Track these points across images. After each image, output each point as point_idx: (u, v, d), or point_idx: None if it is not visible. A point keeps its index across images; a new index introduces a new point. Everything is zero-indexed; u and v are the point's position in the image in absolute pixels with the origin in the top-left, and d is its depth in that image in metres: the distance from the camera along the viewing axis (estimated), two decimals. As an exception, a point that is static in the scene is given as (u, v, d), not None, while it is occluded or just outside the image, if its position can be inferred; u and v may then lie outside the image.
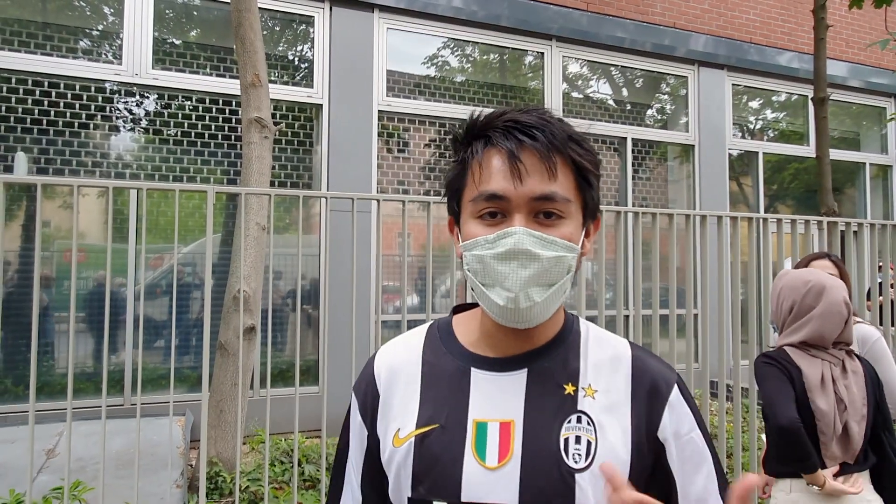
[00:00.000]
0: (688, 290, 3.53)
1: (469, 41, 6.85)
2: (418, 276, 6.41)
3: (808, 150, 8.24)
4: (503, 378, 0.92)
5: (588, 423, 0.88)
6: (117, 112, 5.61)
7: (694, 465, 0.91)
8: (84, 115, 5.40)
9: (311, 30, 6.14)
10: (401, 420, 0.94)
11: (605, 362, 0.94)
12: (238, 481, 3.03)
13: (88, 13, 5.62)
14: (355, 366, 3.05)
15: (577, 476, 0.85)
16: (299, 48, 6.33)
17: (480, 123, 0.90)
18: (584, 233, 0.91)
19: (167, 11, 5.79)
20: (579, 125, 0.91)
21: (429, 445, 0.90)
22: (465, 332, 0.99)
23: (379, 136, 6.30)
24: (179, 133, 5.69)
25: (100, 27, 5.62)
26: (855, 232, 3.87)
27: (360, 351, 4.20)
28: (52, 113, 5.28)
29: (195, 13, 6.01)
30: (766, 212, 8.17)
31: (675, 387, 0.93)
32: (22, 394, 4.97)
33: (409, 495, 0.90)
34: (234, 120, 5.78)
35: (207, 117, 5.75)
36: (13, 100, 5.16)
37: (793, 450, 2.10)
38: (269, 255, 3.82)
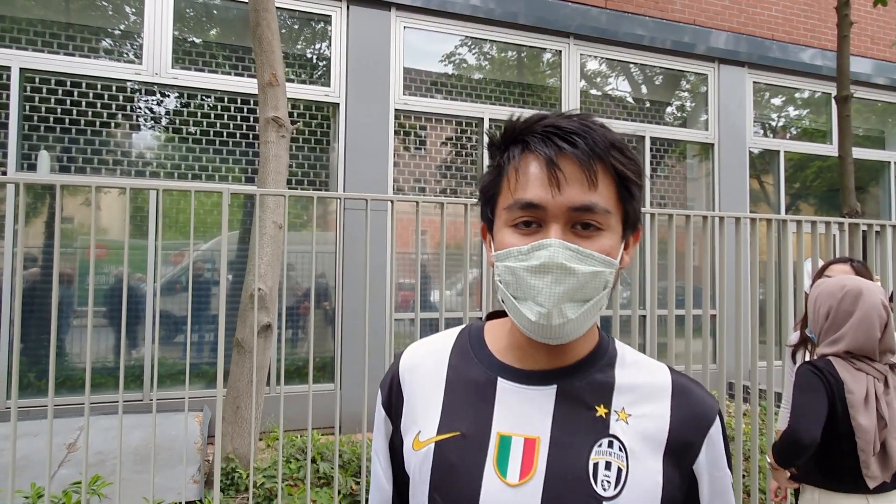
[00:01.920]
0: (705, 290, 3.48)
1: (486, 39, 6.83)
2: (434, 274, 6.41)
3: (830, 149, 8.10)
4: (530, 392, 0.88)
5: (620, 450, 0.84)
6: (137, 111, 5.68)
7: (723, 502, 0.88)
8: (105, 114, 5.48)
9: (329, 28, 6.17)
10: (422, 423, 0.92)
11: (641, 387, 0.89)
12: (253, 477, 3.06)
13: (110, 13, 5.70)
14: (369, 364, 3.06)
15: None
16: (316, 47, 6.36)
17: (519, 127, 0.85)
18: (623, 245, 0.87)
19: (187, 11, 5.85)
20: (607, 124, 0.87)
21: (448, 453, 0.87)
22: (495, 339, 0.95)
23: (396, 134, 6.32)
24: (198, 131, 5.76)
25: (121, 27, 5.69)
26: (878, 233, 3.79)
27: (375, 349, 4.22)
28: (74, 112, 5.37)
29: (214, 12, 6.07)
30: (787, 210, 8.05)
31: (717, 420, 0.88)
32: (44, 388, 5.06)
33: (426, 502, 0.88)
34: (251, 119, 5.83)
35: (226, 116, 5.81)
36: (37, 99, 5.26)
37: (787, 455, 2.18)
38: (285, 253, 3.84)
